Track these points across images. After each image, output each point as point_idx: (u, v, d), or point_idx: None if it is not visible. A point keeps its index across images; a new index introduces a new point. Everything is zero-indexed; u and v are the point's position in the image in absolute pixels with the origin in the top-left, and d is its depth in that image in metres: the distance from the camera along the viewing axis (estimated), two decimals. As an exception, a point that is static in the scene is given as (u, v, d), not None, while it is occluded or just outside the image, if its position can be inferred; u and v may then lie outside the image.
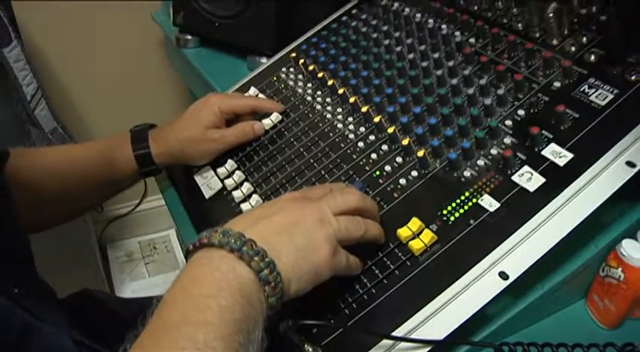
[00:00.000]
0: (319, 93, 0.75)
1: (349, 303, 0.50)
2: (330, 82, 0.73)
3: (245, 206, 0.66)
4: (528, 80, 0.59)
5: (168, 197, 0.82)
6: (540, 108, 0.56)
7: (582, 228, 0.47)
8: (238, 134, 0.73)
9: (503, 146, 0.55)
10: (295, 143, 0.70)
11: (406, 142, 0.59)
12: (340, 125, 0.68)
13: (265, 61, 0.90)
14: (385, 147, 0.62)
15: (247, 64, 0.99)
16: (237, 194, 0.68)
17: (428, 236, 0.51)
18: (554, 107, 0.53)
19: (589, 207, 0.47)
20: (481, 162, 0.55)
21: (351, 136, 0.66)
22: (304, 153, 0.68)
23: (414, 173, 0.58)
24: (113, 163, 0.73)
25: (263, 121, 0.74)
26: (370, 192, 0.59)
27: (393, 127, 0.62)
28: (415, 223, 0.52)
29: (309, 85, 0.78)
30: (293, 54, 0.85)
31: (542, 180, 0.50)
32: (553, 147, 0.52)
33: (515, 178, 0.51)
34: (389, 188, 0.58)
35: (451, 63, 0.65)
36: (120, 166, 0.73)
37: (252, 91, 0.83)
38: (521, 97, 0.58)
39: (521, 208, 0.49)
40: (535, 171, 0.51)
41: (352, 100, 0.68)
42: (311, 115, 0.73)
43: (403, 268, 0.51)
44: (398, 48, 0.72)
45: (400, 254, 0.52)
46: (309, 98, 0.76)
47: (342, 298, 0.51)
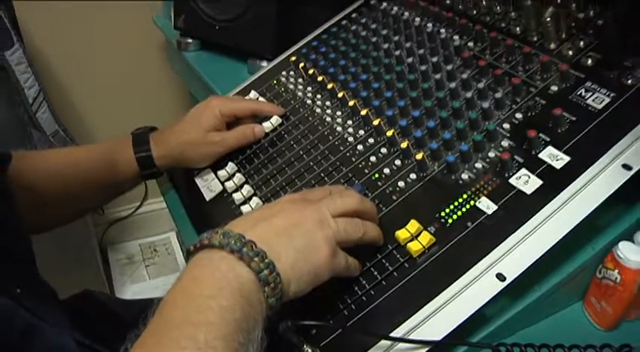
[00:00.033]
0: (319, 96, 0.76)
1: (348, 304, 0.51)
2: (330, 86, 0.74)
3: (245, 208, 0.67)
4: (526, 84, 0.60)
5: (169, 199, 0.82)
6: (538, 111, 0.57)
7: (579, 231, 0.47)
8: (239, 137, 0.73)
9: (500, 149, 0.55)
10: (295, 146, 0.71)
11: (405, 145, 0.60)
12: (340, 128, 0.69)
13: (265, 65, 0.91)
14: (384, 150, 0.63)
15: (248, 68, 1.00)
16: (237, 196, 0.68)
17: (426, 238, 0.51)
18: (551, 110, 0.54)
19: (586, 210, 0.47)
20: (479, 164, 0.55)
21: (351, 139, 0.67)
22: (304, 155, 0.69)
23: (413, 176, 0.58)
24: (114, 166, 0.73)
25: (263, 124, 0.74)
26: (369, 195, 0.59)
27: (392, 130, 0.62)
28: (413, 225, 0.52)
29: (309, 89, 0.78)
30: (293, 57, 0.86)
31: (539, 183, 0.50)
32: (550, 150, 0.52)
33: (512, 181, 0.52)
34: (388, 190, 0.59)
35: (450, 67, 0.66)
36: (121, 168, 0.73)
37: (252, 94, 0.83)
38: (518, 101, 0.59)
39: (518, 210, 0.49)
40: (532, 173, 0.51)
41: (352, 104, 0.69)
42: (311, 118, 0.73)
43: (401, 269, 0.51)
44: (397, 52, 0.73)
45: (398, 255, 0.52)
46: (309, 101, 0.76)
47: (341, 299, 0.51)
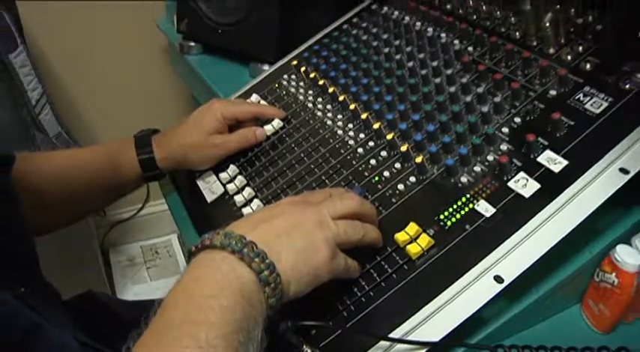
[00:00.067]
0: (320, 100, 0.76)
1: (347, 305, 0.51)
2: (331, 90, 0.74)
3: (246, 210, 0.67)
4: (525, 88, 0.60)
5: (171, 201, 0.83)
6: (536, 115, 0.57)
7: (577, 234, 0.48)
8: (240, 140, 0.73)
9: (499, 152, 0.56)
10: (296, 149, 0.71)
11: (405, 148, 0.60)
12: (340, 131, 0.70)
13: (267, 68, 0.91)
14: (384, 153, 0.63)
15: (249, 71, 1.00)
16: (238, 198, 0.69)
17: (425, 240, 0.51)
18: (549, 115, 0.54)
19: (583, 213, 0.48)
20: (478, 168, 0.56)
21: (351, 142, 0.67)
22: (305, 158, 0.69)
23: (412, 179, 0.59)
24: (117, 167, 0.73)
25: (265, 127, 0.75)
26: (369, 197, 0.60)
27: (392, 134, 0.63)
28: (412, 228, 0.53)
29: (310, 92, 0.79)
30: (295, 61, 0.86)
31: (537, 186, 0.51)
32: (548, 153, 0.53)
33: (510, 184, 0.52)
34: (387, 193, 0.59)
35: (450, 71, 0.66)
36: (124, 170, 0.74)
37: (254, 98, 0.84)
38: (517, 105, 0.59)
39: (516, 213, 0.50)
40: (530, 177, 0.52)
41: (352, 107, 0.69)
42: (312, 122, 0.74)
43: (400, 271, 0.51)
44: (398, 56, 0.73)
45: (398, 257, 0.52)
46: (310, 105, 0.77)
47: (341, 300, 0.52)
